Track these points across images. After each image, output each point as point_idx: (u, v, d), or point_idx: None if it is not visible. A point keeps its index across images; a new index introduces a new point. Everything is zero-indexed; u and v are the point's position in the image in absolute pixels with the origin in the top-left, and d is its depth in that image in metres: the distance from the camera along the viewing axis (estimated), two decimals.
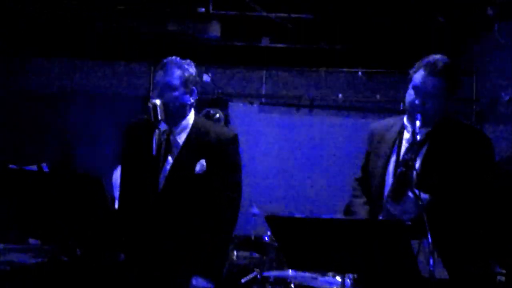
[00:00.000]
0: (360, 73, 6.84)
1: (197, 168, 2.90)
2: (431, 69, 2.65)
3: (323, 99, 6.98)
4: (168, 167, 2.91)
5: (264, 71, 7.07)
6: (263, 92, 7.08)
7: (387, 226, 2.34)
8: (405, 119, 2.79)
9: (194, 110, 3.05)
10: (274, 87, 7.09)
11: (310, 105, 6.97)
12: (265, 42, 6.69)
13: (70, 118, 6.85)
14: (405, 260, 2.29)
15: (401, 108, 6.72)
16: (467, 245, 2.60)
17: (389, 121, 2.89)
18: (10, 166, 3.14)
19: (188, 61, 3.02)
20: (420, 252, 2.42)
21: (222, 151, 2.94)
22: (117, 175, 4.90)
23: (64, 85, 7.00)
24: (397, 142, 2.74)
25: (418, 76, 2.69)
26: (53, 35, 6.42)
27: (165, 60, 2.97)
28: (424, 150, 2.67)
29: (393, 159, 2.73)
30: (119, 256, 3.09)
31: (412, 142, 2.63)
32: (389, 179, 2.70)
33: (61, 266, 3.29)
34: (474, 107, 6.59)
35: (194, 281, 2.84)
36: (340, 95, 6.92)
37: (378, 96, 6.86)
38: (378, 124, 2.92)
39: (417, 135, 2.59)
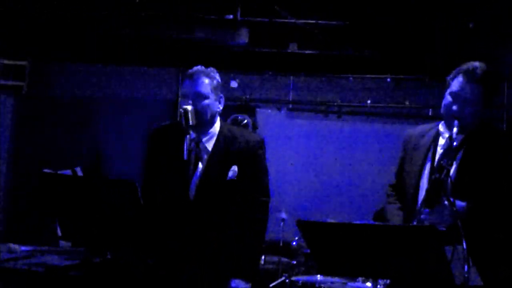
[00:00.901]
0: (388, 79, 6.81)
1: (230, 174, 2.93)
2: (470, 75, 2.64)
3: (351, 105, 6.97)
4: (198, 174, 2.94)
5: (292, 77, 7.07)
6: (291, 98, 7.08)
7: (420, 232, 2.33)
8: (440, 125, 2.76)
9: (220, 116, 3.09)
10: (301, 93, 7.09)
11: (338, 111, 6.95)
12: (292, 48, 6.70)
13: (100, 123, 6.93)
14: (438, 266, 2.28)
15: (430, 114, 6.69)
16: (502, 252, 2.57)
17: (424, 127, 2.87)
18: (44, 170, 3.19)
19: (212, 69, 3.05)
20: (454, 258, 2.40)
21: (252, 156, 2.97)
22: None
23: (95, 91, 7.09)
24: (431, 148, 2.72)
25: (457, 82, 2.67)
26: (83, 42, 6.51)
27: (192, 70, 3.01)
28: (459, 156, 2.65)
29: (427, 165, 2.70)
30: (148, 260, 3.12)
31: (448, 148, 2.61)
32: (424, 185, 2.68)
33: (93, 268, 3.33)
34: (505, 113, 6.52)
35: (233, 284, 2.89)
36: (369, 101, 6.90)
37: (407, 102, 6.83)
38: (413, 130, 2.90)
39: (454, 141, 2.57)
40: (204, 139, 2.98)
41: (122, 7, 6.08)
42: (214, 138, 2.99)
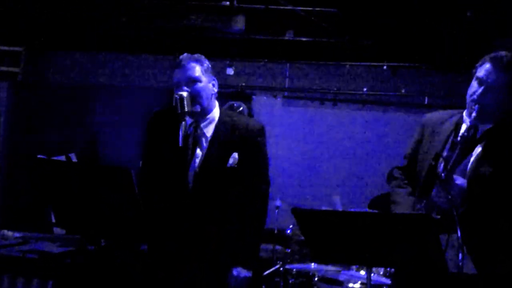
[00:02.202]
0: (385, 67, 6.80)
1: (230, 161, 2.91)
2: (497, 62, 2.62)
3: (347, 93, 6.96)
4: (197, 160, 2.92)
5: (288, 65, 7.05)
6: (287, 85, 7.06)
7: (415, 220, 2.33)
8: (465, 113, 2.73)
9: (218, 102, 3.08)
10: (297, 80, 7.07)
11: (334, 99, 6.94)
12: (289, 35, 6.66)
13: (96, 110, 6.91)
14: (433, 254, 2.29)
15: (426, 102, 6.69)
16: (497, 242, 2.57)
17: (445, 113, 2.84)
18: (39, 156, 3.17)
19: (199, 54, 3.04)
20: (448, 246, 2.41)
21: (253, 143, 2.96)
22: None
23: (90, 78, 7.07)
24: (452, 135, 2.70)
25: (483, 68, 2.65)
26: (79, 29, 6.47)
27: (179, 59, 3.00)
28: (481, 146, 2.63)
29: (446, 151, 2.67)
30: (142, 246, 3.12)
31: (464, 136, 2.58)
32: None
33: (87, 256, 3.32)
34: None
35: (235, 272, 2.88)
36: (365, 89, 6.89)
37: (403, 91, 6.82)
38: (433, 115, 2.87)
39: (467, 128, 2.57)
40: (202, 125, 2.97)
41: None
42: (214, 124, 2.98)
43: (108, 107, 6.92)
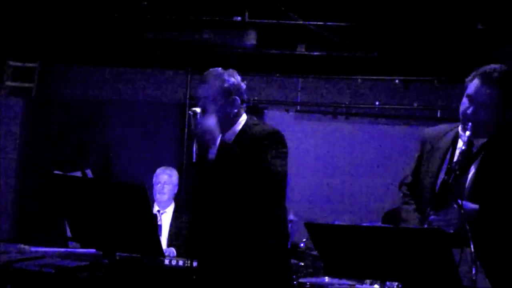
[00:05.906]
0: (397, 80, 6.80)
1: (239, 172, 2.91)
2: (486, 78, 2.59)
3: (360, 107, 6.96)
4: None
5: (300, 79, 7.07)
6: (299, 99, 7.08)
7: (427, 235, 2.33)
8: (460, 127, 2.72)
9: (247, 114, 3.06)
10: (309, 94, 7.08)
11: (346, 113, 6.95)
12: (300, 49, 6.70)
13: (110, 125, 6.96)
14: (446, 268, 2.28)
15: (438, 116, 6.68)
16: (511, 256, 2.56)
17: (443, 127, 2.82)
18: (55, 172, 3.22)
19: (230, 70, 3.03)
20: (462, 261, 2.40)
21: (256, 150, 2.91)
22: (156, 179, 5.02)
23: (103, 93, 7.12)
24: (450, 150, 2.70)
25: (473, 84, 2.63)
26: (93, 45, 6.54)
27: (205, 73, 3.00)
28: (478, 160, 2.63)
29: (445, 167, 2.66)
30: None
31: (463, 151, 2.57)
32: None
33: (102, 270, 3.35)
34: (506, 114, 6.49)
35: None
36: (377, 103, 6.89)
37: (415, 104, 6.81)
38: (432, 130, 2.86)
39: (464, 145, 2.55)
40: (225, 138, 2.96)
41: (130, 9, 6.10)
42: (233, 138, 2.98)
43: (121, 121, 6.96)
